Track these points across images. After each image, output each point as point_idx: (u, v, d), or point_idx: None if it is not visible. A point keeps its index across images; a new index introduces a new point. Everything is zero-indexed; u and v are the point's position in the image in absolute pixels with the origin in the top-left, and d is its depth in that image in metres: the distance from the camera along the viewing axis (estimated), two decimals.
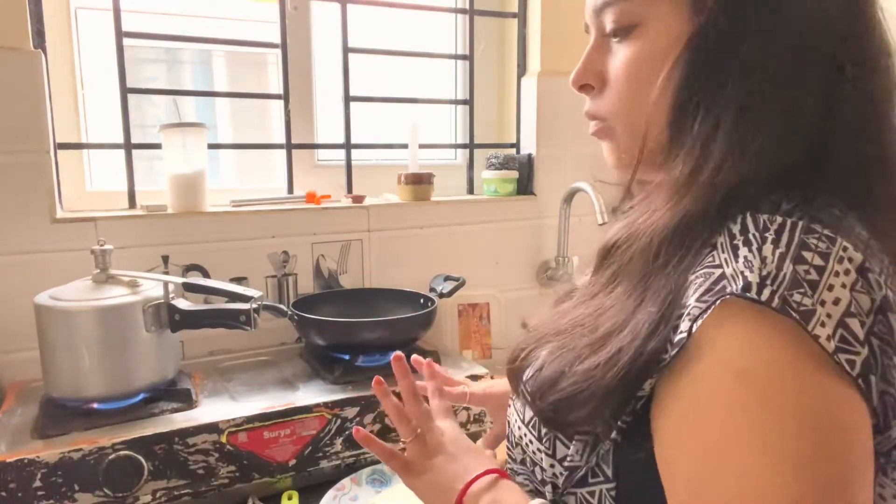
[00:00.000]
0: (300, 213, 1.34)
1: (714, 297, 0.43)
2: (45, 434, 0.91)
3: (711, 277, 0.44)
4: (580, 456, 0.53)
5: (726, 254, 0.44)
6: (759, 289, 0.41)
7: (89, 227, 1.17)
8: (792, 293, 0.41)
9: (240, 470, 0.98)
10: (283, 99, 1.40)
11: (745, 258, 0.43)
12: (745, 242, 0.44)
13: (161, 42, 1.39)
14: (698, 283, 0.44)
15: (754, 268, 0.42)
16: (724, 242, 0.45)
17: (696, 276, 0.45)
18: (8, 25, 1.09)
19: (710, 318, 0.42)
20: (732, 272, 0.43)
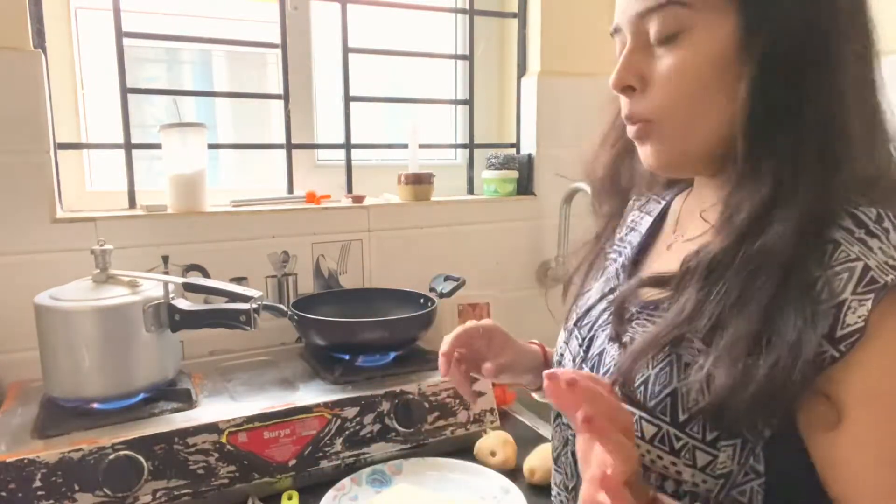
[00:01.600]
0: (300, 213, 1.34)
1: (873, 288, 0.46)
2: (45, 434, 0.91)
3: (856, 271, 0.47)
4: (732, 460, 0.52)
5: (858, 247, 0.48)
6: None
7: (89, 227, 1.17)
8: None
9: (240, 470, 0.98)
10: (283, 99, 1.40)
11: (881, 249, 0.47)
12: (870, 234, 0.48)
13: (161, 42, 1.39)
14: (843, 279, 0.47)
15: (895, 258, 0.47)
16: (846, 237, 0.48)
17: (833, 271, 0.48)
18: (8, 25, 1.09)
19: (879, 309, 0.46)
20: (877, 264, 0.47)
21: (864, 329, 0.46)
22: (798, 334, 0.47)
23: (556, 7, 1.55)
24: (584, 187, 1.44)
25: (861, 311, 0.46)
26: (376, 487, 1.01)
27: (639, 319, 0.60)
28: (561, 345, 0.73)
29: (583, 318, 0.70)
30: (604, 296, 0.69)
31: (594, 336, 0.66)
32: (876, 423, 0.47)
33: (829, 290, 0.47)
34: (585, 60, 1.57)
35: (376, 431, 1.07)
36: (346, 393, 1.08)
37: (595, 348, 0.65)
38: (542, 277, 1.62)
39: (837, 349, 0.46)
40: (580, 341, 0.68)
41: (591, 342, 0.66)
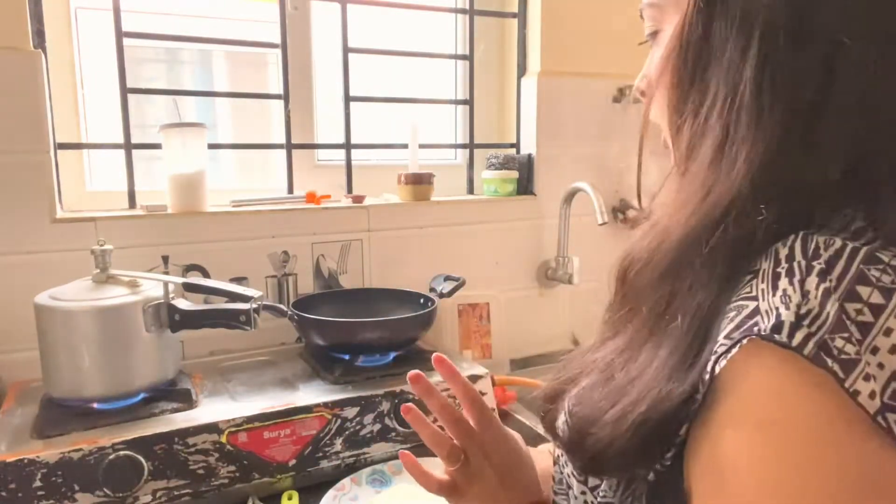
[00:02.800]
0: (300, 213, 1.34)
1: (741, 334, 0.38)
2: (45, 434, 0.91)
3: (744, 311, 0.39)
4: (612, 492, 0.49)
5: (765, 283, 0.39)
6: (792, 330, 0.36)
7: (89, 227, 1.17)
8: (834, 338, 0.35)
9: (240, 470, 0.98)
10: (283, 99, 1.40)
11: (783, 291, 0.37)
12: (788, 272, 0.38)
13: (161, 42, 1.40)
14: (731, 317, 0.39)
15: (791, 304, 0.36)
16: (767, 270, 0.39)
17: (731, 307, 0.40)
18: (8, 25, 1.09)
19: (734, 358, 0.38)
20: (767, 307, 0.37)
21: (712, 378, 0.39)
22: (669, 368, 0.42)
23: (556, 7, 1.55)
24: (585, 187, 1.44)
25: (721, 357, 0.38)
26: (376, 487, 1.01)
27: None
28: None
29: None
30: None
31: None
32: (703, 489, 0.40)
33: (718, 328, 0.40)
34: (585, 60, 1.57)
35: (376, 431, 1.07)
36: (346, 393, 1.08)
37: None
38: (542, 277, 1.62)
39: (695, 397, 0.40)
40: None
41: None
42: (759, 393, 0.37)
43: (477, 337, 1.52)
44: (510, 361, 1.57)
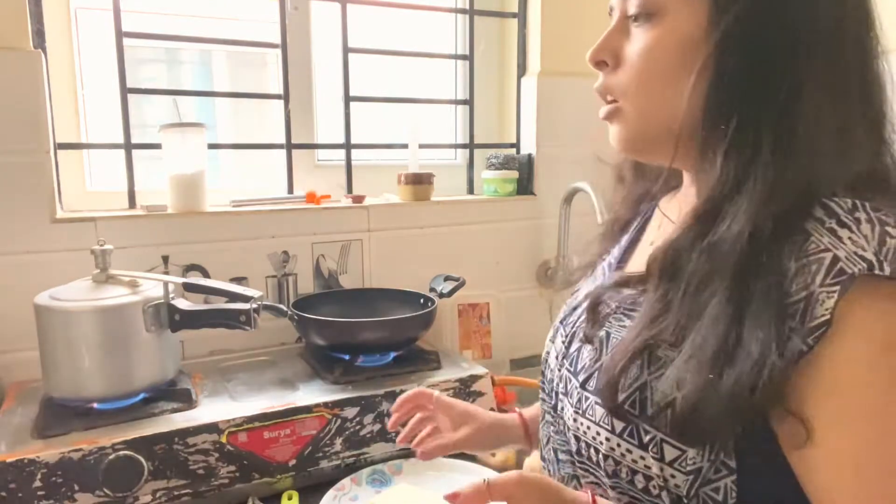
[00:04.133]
0: (300, 213, 1.34)
1: (840, 279, 0.45)
2: (45, 434, 0.91)
3: (824, 262, 0.46)
4: (702, 456, 0.51)
5: (828, 237, 0.46)
6: (880, 265, 0.44)
7: (89, 227, 1.17)
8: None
9: (240, 470, 0.98)
10: (283, 99, 1.40)
11: (850, 239, 0.46)
12: (841, 224, 0.47)
13: (161, 42, 1.39)
14: (812, 270, 0.46)
15: (867, 247, 0.45)
16: (817, 227, 0.47)
17: (802, 263, 0.46)
18: (8, 25, 1.09)
19: (847, 298, 0.44)
20: (846, 254, 0.45)
21: (829, 321, 0.44)
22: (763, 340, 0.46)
23: (556, 7, 1.55)
24: (585, 187, 1.44)
25: (828, 304, 0.45)
26: (376, 487, 1.01)
27: (616, 314, 0.61)
28: (548, 342, 0.73)
29: (569, 315, 0.70)
30: (589, 294, 0.68)
31: (575, 333, 0.66)
32: (848, 431, 0.46)
33: (798, 283, 0.46)
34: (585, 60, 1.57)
35: (376, 431, 1.07)
36: (346, 393, 1.08)
37: (574, 346, 0.65)
38: (542, 277, 1.62)
39: (805, 342, 0.45)
40: (563, 338, 0.68)
41: (572, 339, 0.66)
42: (879, 319, 0.45)
43: (477, 337, 1.52)
44: (510, 361, 1.57)
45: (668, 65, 0.54)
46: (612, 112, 0.60)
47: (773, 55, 0.51)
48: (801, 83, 0.50)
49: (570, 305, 0.72)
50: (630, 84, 0.57)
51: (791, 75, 0.50)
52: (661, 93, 0.55)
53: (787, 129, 0.50)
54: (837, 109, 0.51)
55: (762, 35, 0.51)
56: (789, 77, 0.50)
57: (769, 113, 0.50)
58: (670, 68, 0.54)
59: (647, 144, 0.59)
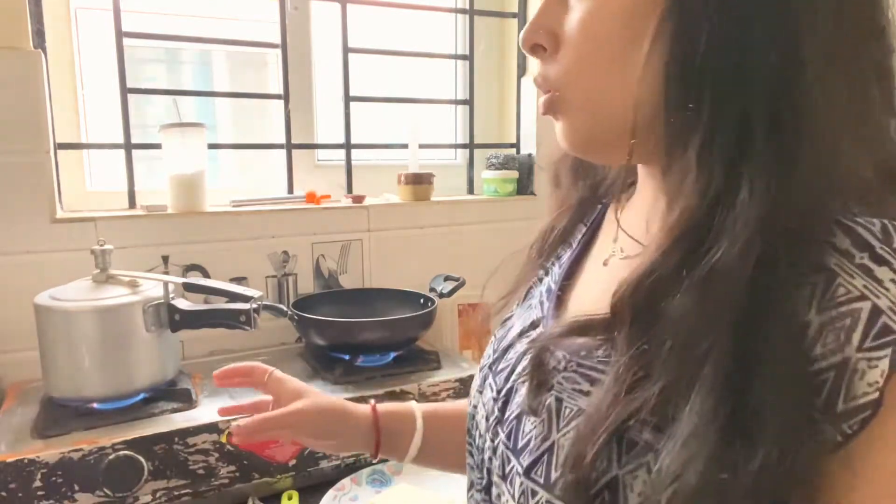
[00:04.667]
0: (300, 213, 1.34)
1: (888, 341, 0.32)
2: (45, 434, 0.91)
3: (861, 316, 0.33)
4: None
5: (861, 279, 0.33)
6: None
7: (89, 227, 1.17)
8: None
9: (240, 470, 0.98)
10: (283, 99, 1.40)
11: (894, 282, 0.33)
12: (877, 259, 0.34)
13: (161, 42, 1.39)
14: (844, 326, 0.33)
15: None
16: (843, 264, 0.34)
17: (829, 316, 0.34)
18: (8, 25, 1.09)
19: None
20: (891, 304, 0.33)
21: (878, 402, 0.32)
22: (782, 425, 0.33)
23: None
24: None
25: (872, 376, 0.32)
26: (376, 487, 1.01)
27: (568, 373, 0.45)
28: (474, 394, 0.57)
29: (499, 359, 0.54)
30: (524, 331, 0.54)
31: (513, 389, 0.50)
32: None
33: (824, 344, 0.33)
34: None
35: None
36: (346, 393, 1.08)
37: (512, 409, 0.49)
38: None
39: (840, 430, 0.33)
40: (495, 393, 0.52)
41: (510, 398, 0.50)
42: None
43: (477, 337, 1.52)
44: None
45: (611, 36, 0.42)
46: (551, 103, 0.46)
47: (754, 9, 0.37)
48: (797, 46, 0.36)
49: (500, 345, 0.56)
50: (571, 67, 0.44)
51: (783, 37, 0.37)
52: (606, 73, 0.42)
53: (787, 113, 0.36)
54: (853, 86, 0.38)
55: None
56: (781, 40, 0.37)
57: (756, 90, 0.37)
58: (615, 40, 0.42)
59: (601, 141, 0.46)
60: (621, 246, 0.50)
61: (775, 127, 0.36)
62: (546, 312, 0.53)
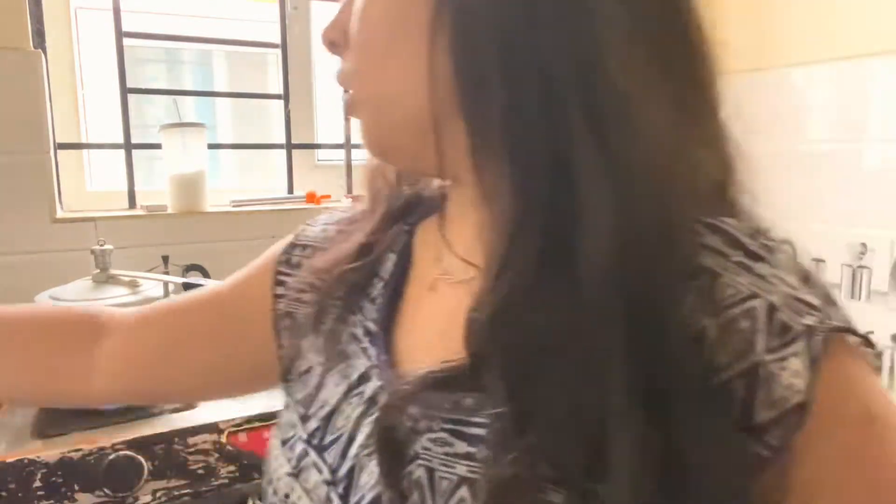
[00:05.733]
0: (300, 213, 1.34)
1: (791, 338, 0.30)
2: (45, 434, 0.91)
3: (758, 315, 0.30)
4: None
5: (746, 276, 0.31)
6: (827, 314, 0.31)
7: (89, 227, 1.17)
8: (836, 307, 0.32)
9: (240, 470, 0.98)
10: (283, 99, 1.40)
11: (777, 277, 0.31)
12: (752, 256, 0.32)
13: (161, 42, 1.39)
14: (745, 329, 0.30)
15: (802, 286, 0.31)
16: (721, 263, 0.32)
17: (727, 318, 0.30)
18: (8, 25, 1.09)
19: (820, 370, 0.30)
20: (782, 301, 0.30)
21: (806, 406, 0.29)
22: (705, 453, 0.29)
23: None
24: None
25: (789, 379, 0.29)
26: None
27: (432, 433, 0.36)
28: (285, 480, 0.42)
29: (325, 430, 0.41)
30: (351, 389, 0.41)
31: (356, 468, 0.38)
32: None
33: (727, 351, 0.30)
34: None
35: None
36: None
37: (362, 493, 0.37)
38: None
39: (765, 444, 0.29)
40: (328, 475, 0.39)
41: (353, 479, 0.38)
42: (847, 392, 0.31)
43: None
44: None
45: (384, 27, 0.37)
46: (347, 104, 0.43)
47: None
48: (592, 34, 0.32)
49: (316, 410, 0.43)
50: (356, 63, 0.40)
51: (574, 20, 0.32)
52: (385, 68, 0.38)
53: (598, 106, 0.32)
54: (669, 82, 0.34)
55: None
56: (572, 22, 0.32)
57: (554, 83, 0.32)
58: (388, 32, 0.37)
59: (396, 144, 0.40)
60: (448, 268, 0.42)
61: (591, 121, 0.31)
62: (377, 361, 0.41)
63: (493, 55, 0.33)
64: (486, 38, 0.33)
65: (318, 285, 0.47)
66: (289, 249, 0.55)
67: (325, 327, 0.45)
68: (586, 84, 0.32)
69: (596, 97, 0.31)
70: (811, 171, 1.36)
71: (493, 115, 0.33)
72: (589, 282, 0.30)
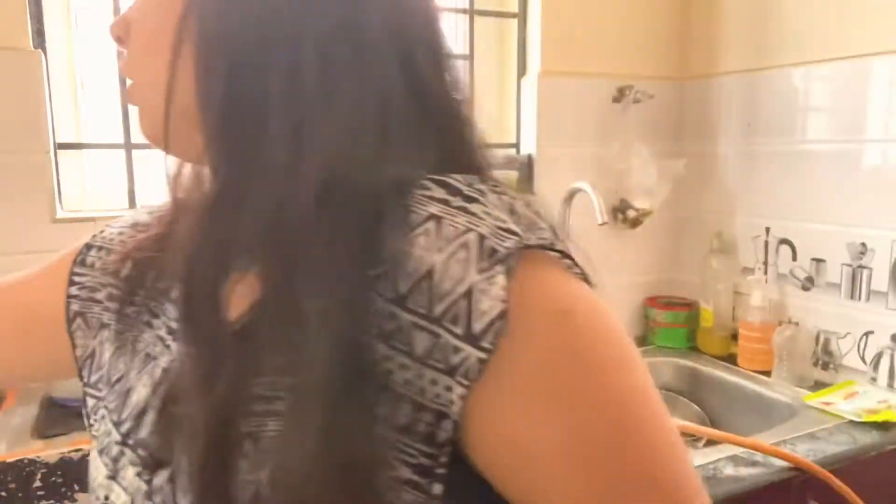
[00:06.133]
0: None
1: (497, 259, 0.34)
2: (45, 434, 0.91)
3: (471, 245, 0.35)
4: None
5: (462, 216, 0.36)
6: (527, 236, 0.36)
7: (89, 227, 1.15)
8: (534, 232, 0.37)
9: None
10: None
11: (486, 213, 0.36)
12: (468, 199, 0.37)
13: None
14: (461, 258, 0.34)
15: (507, 220, 0.37)
16: (444, 209, 0.36)
17: (449, 252, 0.35)
18: (8, 25, 1.09)
19: (514, 284, 0.34)
20: (490, 231, 0.35)
21: (505, 313, 0.33)
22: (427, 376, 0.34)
23: (556, 7, 1.55)
24: (585, 187, 1.44)
25: (496, 292, 0.33)
26: None
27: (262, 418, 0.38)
28: (103, 482, 0.45)
29: (137, 427, 0.43)
30: (156, 385, 0.44)
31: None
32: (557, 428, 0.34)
33: (450, 277, 0.34)
34: (586, 60, 1.57)
35: None
36: None
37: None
38: None
39: (480, 347, 0.33)
40: (140, 467, 0.42)
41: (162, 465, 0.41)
42: (541, 296, 0.35)
43: None
44: None
45: (152, 24, 0.43)
46: (127, 92, 0.47)
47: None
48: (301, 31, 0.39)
49: (130, 413, 0.44)
50: (131, 54, 0.45)
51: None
52: (145, 60, 0.44)
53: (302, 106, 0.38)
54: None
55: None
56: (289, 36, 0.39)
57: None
58: (154, 28, 0.43)
59: (162, 131, 0.43)
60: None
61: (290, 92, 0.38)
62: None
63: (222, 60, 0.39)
64: (218, 48, 0.39)
65: (114, 287, 0.50)
66: (84, 250, 0.56)
67: (129, 335, 0.48)
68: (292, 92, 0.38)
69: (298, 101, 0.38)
70: (811, 171, 1.36)
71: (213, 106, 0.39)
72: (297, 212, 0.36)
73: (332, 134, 0.38)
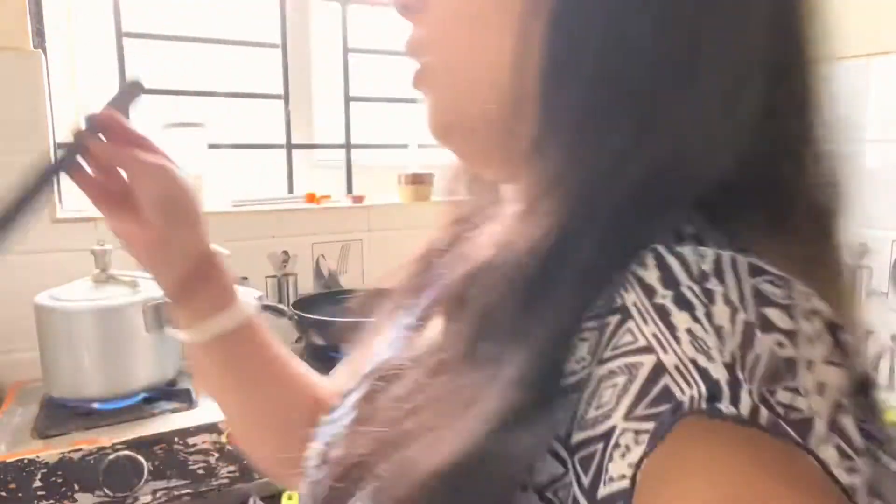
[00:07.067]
0: (300, 213, 1.34)
1: (660, 411, 0.24)
2: (45, 434, 0.91)
3: (640, 373, 0.25)
4: None
5: (651, 324, 0.25)
6: (734, 393, 0.23)
7: (89, 227, 1.17)
8: (774, 390, 0.24)
9: (240, 470, 0.98)
10: (283, 99, 1.40)
11: (690, 333, 0.25)
12: (680, 302, 0.25)
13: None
14: (618, 385, 0.25)
15: (713, 352, 0.24)
16: (640, 302, 0.26)
17: (609, 369, 0.26)
18: (8, 25, 1.09)
19: (662, 450, 0.24)
20: (677, 362, 0.24)
21: (629, 492, 0.24)
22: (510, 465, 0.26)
23: None
24: None
25: (634, 455, 0.24)
26: None
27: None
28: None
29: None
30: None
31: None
32: None
33: (598, 406, 0.26)
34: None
35: None
36: None
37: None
38: None
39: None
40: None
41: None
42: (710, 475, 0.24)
43: None
44: None
45: (481, 5, 0.33)
46: (420, 77, 0.38)
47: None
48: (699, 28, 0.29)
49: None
50: (435, 25, 0.36)
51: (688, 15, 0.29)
52: (475, 47, 0.34)
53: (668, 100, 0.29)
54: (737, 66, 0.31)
55: None
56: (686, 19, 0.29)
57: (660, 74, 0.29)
58: (485, 10, 0.33)
59: (465, 127, 0.36)
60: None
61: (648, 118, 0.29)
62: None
63: (591, 44, 0.29)
64: (588, 23, 0.29)
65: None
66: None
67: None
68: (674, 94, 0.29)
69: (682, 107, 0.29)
70: None
71: (570, 110, 0.30)
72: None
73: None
